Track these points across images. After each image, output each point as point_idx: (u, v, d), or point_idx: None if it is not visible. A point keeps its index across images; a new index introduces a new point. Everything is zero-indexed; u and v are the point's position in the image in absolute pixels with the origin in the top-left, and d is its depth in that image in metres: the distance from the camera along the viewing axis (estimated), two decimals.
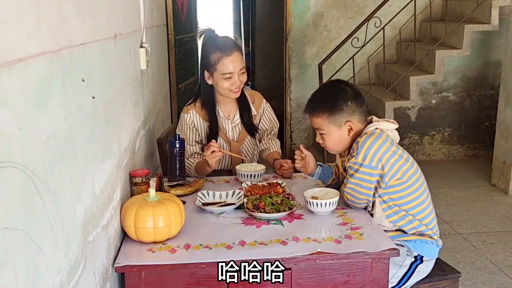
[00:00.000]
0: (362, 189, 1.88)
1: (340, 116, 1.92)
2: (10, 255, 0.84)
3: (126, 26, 1.91)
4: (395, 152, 1.87)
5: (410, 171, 1.90)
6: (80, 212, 1.24)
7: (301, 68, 5.30)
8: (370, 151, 1.84)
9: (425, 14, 5.17)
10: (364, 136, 1.87)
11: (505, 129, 4.23)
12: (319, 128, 1.97)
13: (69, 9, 1.18)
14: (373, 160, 1.84)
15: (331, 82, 2.09)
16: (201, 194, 2.00)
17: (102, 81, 1.51)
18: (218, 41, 2.32)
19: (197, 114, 2.39)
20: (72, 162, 1.18)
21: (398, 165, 1.86)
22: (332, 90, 1.98)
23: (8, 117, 0.85)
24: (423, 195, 1.94)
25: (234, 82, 2.27)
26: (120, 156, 1.75)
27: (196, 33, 5.54)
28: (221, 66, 2.25)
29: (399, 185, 1.88)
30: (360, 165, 1.86)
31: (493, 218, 3.76)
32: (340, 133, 1.94)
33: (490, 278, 2.91)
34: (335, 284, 1.63)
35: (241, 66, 2.28)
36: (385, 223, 1.93)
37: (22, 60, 0.90)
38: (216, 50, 2.26)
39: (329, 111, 1.92)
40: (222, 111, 2.41)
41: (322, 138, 1.98)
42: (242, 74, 2.29)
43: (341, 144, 1.98)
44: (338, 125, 1.93)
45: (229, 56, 2.24)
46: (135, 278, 1.55)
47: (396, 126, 1.96)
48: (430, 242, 1.96)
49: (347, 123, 1.93)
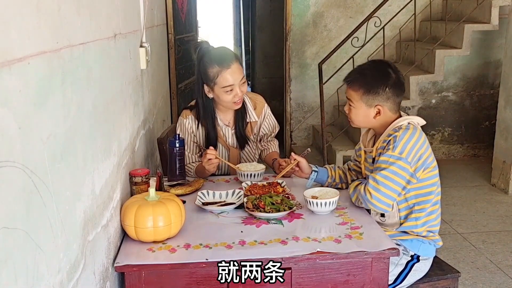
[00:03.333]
0: (391, 183, 1.84)
1: (374, 98, 1.92)
2: (10, 254, 0.84)
3: (126, 25, 1.91)
4: (426, 150, 1.89)
5: (433, 172, 1.92)
6: (80, 212, 1.24)
7: (301, 67, 5.30)
8: (408, 145, 1.84)
9: (425, 14, 5.17)
10: (400, 131, 1.86)
11: (505, 129, 4.23)
12: (350, 100, 1.97)
13: (69, 8, 1.18)
14: (410, 155, 1.84)
15: (380, 62, 2.06)
16: (201, 193, 2.01)
17: (102, 81, 1.51)
18: (215, 54, 2.23)
19: (196, 119, 2.36)
20: (72, 162, 1.18)
21: (427, 162, 1.89)
22: (377, 71, 1.97)
23: (8, 116, 0.85)
24: (437, 197, 1.97)
25: (236, 94, 2.22)
26: (120, 156, 1.75)
27: (196, 33, 5.54)
28: (221, 80, 2.19)
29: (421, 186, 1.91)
30: (397, 158, 1.84)
31: (493, 218, 3.76)
32: (367, 113, 1.95)
33: (490, 278, 2.91)
34: (335, 284, 1.63)
35: (241, 77, 2.22)
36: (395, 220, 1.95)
37: (22, 59, 0.90)
38: (214, 64, 2.19)
39: (365, 90, 1.92)
40: (221, 120, 2.38)
41: (349, 109, 1.99)
42: (242, 85, 2.24)
43: (365, 122, 1.99)
44: (369, 105, 1.93)
45: (228, 68, 2.18)
46: (135, 277, 1.55)
47: (424, 122, 1.97)
48: (427, 242, 1.97)
49: (377, 107, 1.93)
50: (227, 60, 2.19)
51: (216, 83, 2.21)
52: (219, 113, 2.37)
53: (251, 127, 2.45)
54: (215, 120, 2.36)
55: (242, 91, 2.24)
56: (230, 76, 2.19)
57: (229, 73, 2.19)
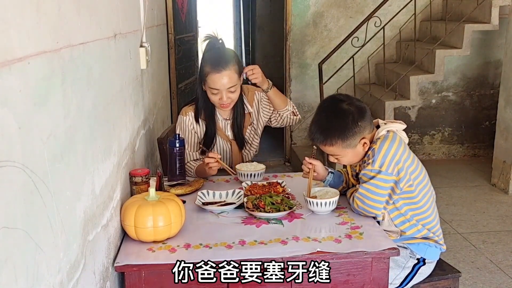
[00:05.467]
0: (374, 195, 1.82)
1: (354, 139, 1.84)
2: (10, 254, 0.84)
3: (126, 25, 1.91)
4: (408, 156, 1.84)
5: (419, 177, 1.89)
6: (80, 212, 1.24)
7: (301, 67, 5.30)
8: (387, 157, 1.80)
9: (425, 14, 5.17)
10: (378, 142, 1.82)
11: (505, 129, 4.23)
12: (334, 154, 1.90)
13: (69, 8, 1.18)
14: (390, 166, 1.80)
15: (332, 104, 1.90)
16: (201, 193, 2.01)
17: (102, 81, 1.51)
18: (214, 55, 2.26)
19: (195, 115, 2.38)
20: (72, 162, 1.18)
21: (411, 169, 1.84)
22: (338, 115, 1.85)
23: (8, 116, 0.85)
24: (429, 201, 1.94)
25: (221, 98, 2.24)
26: (120, 156, 1.75)
27: (196, 33, 5.54)
28: (209, 81, 2.23)
29: (410, 192, 1.87)
30: (377, 172, 1.81)
31: (493, 218, 3.76)
32: (356, 151, 1.88)
33: (490, 278, 2.91)
34: (335, 284, 1.62)
35: (229, 85, 2.22)
36: (393, 229, 1.92)
37: (22, 59, 0.90)
38: (208, 64, 2.23)
39: (342, 139, 1.83)
40: (220, 114, 2.41)
41: (337, 159, 1.91)
42: (231, 92, 2.25)
43: (358, 158, 1.92)
44: (353, 146, 1.86)
45: (218, 73, 2.20)
46: (135, 277, 1.55)
47: (404, 126, 1.92)
48: (434, 246, 1.96)
49: (362, 141, 1.86)
50: (220, 65, 2.21)
51: (206, 81, 2.26)
52: (217, 108, 2.39)
53: (249, 118, 2.46)
54: (214, 110, 2.38)
55: (229, 97, 2.26)
56: (218, 80, 2.21)
57: (217, 77, 2.21)
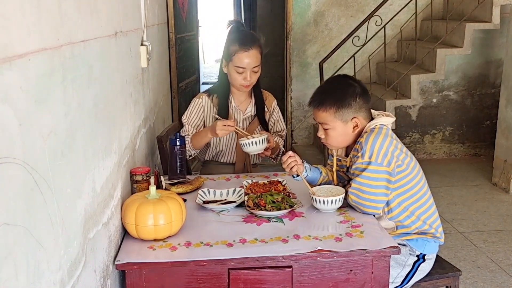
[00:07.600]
0: (369, 188, 1.82)
1: (348, 112, 1.87)
2: (10, 251, 0.84)
3: (127, 23, 1.91)
4: (396, 147, 1.84)
5: (411, 164, 1.88)
6: (80, 209, 1.24)
7: (302, 66, 5.30)
8: (374, 148, 1.80)
9: (426, 13, 5.17)
10: (365, 135, 1.84)
11: (506, 128, 4.23)
12: (324, 123, 1.90)
13: (70, 5, 1.17)
14: (379, 156, 1.80)
15: (339, 77, 2.03)
16: (201, 192, 2.01)
17: (103, 78, 1.51)
18: (240, 35, 2.37)
19: (209, 100, 2.46)
20: (73, 159, 1.18)
21: (401, 157, 1.84)
22: (341, 85, 1.92)
23: (9, 113, 0.85)
24: (426, 194, 1.94)
25: (245, 77, 2.33)
26: (121, 154, 1.75)
27: (197, 32, 5.54)
28: (236, 59, 2.31)
29: (403, 185, 1.87)
30: (368, 164, 1.81)
31: (494, 217, 3.76)
32: (345, 129, 1.89)
33: (491, 277, 2.91)
34: (335, 282, 1.63)
35: (255, 64, 2.32)
36: (386, 222, 1.92)
37: (22, 56, 0.90)
38: (236, 43, 2.32)
39: (337, 106, 1.86)
40: (235, 101, 2.46)
41: (326, 133, 1.91)
42: (255, 72, 2.35)
43: (344, 140, 1.93)
44: (344, 120, 1.87)
45: (245, 51, 2.30)
46: (135, 275, 1.55)
47: (394, 119, 1.93)
48: (432, 241, 1.96)
49: (354, 120, 1.88)
50: (248, 44, 2.31)
51: (232, 60, 2.33)
52: (232, 94, 2.46)
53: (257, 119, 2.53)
54: (229, 97, 2.44)
55: (252, 77, 2.34)
56: (245, 58, 2.30)
57: (245, 55, 2.30)
